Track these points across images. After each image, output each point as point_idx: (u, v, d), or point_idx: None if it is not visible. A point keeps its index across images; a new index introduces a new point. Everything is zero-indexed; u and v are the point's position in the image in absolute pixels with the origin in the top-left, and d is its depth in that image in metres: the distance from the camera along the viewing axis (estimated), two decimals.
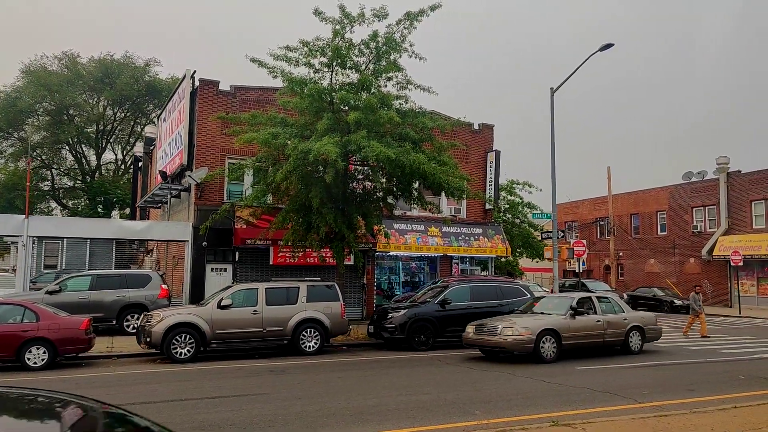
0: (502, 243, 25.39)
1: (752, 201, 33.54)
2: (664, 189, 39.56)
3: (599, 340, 13.85)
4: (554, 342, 12.98)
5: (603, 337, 13.86)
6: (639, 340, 14.54)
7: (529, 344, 12.69)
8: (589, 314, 13.98)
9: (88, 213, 41.50)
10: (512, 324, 13.01)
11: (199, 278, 19.94)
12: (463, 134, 24.71)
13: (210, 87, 20.92)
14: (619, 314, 14.52)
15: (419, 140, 16.39)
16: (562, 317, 13.41)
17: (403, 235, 22.97)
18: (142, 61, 44.54)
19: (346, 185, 17.08)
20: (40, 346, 12.04)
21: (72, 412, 2.51)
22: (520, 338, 12.68)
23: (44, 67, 42.28)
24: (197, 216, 19.91)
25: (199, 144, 20.51)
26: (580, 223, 45.44)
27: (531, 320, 13.37)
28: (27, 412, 2.59)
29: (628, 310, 15.11)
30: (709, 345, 16.88)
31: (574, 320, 13.47)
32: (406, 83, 16.57)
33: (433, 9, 16.13)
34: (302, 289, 14.95)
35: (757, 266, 32.79)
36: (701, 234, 36.22)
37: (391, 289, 24.40)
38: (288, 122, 16.35)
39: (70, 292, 16.63)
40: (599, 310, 14.16)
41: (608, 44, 19.71)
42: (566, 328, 13.24)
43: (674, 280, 37.46)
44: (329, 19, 16.00)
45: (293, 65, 16.15)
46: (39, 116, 43.27)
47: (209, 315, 13.73)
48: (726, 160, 35.34)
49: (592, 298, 14.64)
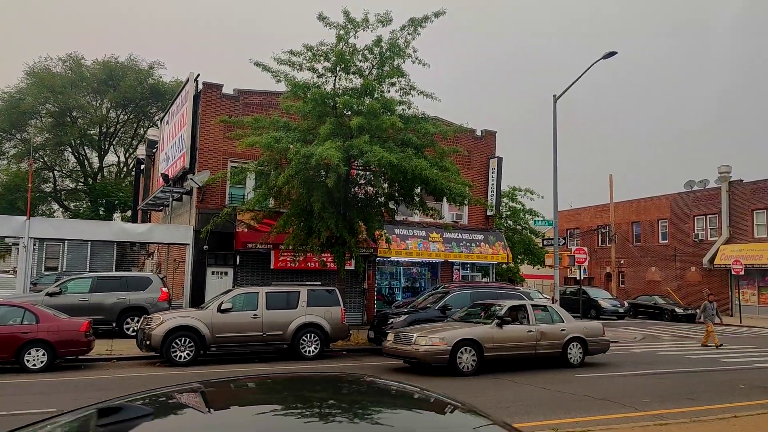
0: (503, 249, 25.36)
1: (754, 210, 33.50)
2: (666, 197, 39.54)
3: (530, 352, 12.95)
4: (474, 353, 12.16)
5: (535, 349, 12.98)
6: (580, 352, 13.53)
7: (443, 355, 11.88)
8: (521, 324, 13.16)
9: (89, 215, 41.52)
10: (426, 333, 12.26)
11: (200, 281, 19.92)
12: (465, 140, 24.73)
13: (213, 90, 20.97)
14: (556, 324, 13.58)
15: (421, 146, 16.40)
16: (488, 327, 12.63)
17: (405, 240, 22.95)
18: (146, 64, 44.73)
19: (348, 190, 17.09)
20: (40, 348, 12.02)
21: None
22: (434, 349, 11.88)
23: (48, 69, 42.42)
24: (199, 219, 19.92)
25: (201, 147, 20.54)
26: (582, 231, 45.39)
27: (450, 330, 12.55)
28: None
29: (569, 319, 14.07)
30: (710, 354, 16.82)
31: (501, 330, 12.62)
32: (409, 89, 16.59)
33: (437, 15, 16.18)
34: (303, 294, 14.94)
35: (758, 275, 32.72)
36: (702, 243, 36.17)
37: (391, 295, 24.35)
38: (291, 126, 16.37)
39: (70, 294, 16.62)
40: (533, 319, 13.28)
41: (612, 52, 19.74)
42: (489, 338, 12.39)
43: (675, 288, 37.39)
44: (333, 24, 16.06)
45: (297, 69, 16.21)
46: (42, 118, 43.39)
47: (209, 318, 13.71)
48: (728, 169, 35.33)
49: (527, 306, 13.69)
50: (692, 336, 22.90)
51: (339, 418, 2.34)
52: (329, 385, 3.02)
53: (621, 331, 23.73)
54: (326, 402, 2.59)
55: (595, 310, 31.30)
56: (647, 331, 24.25)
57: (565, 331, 13.55)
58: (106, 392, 9.92)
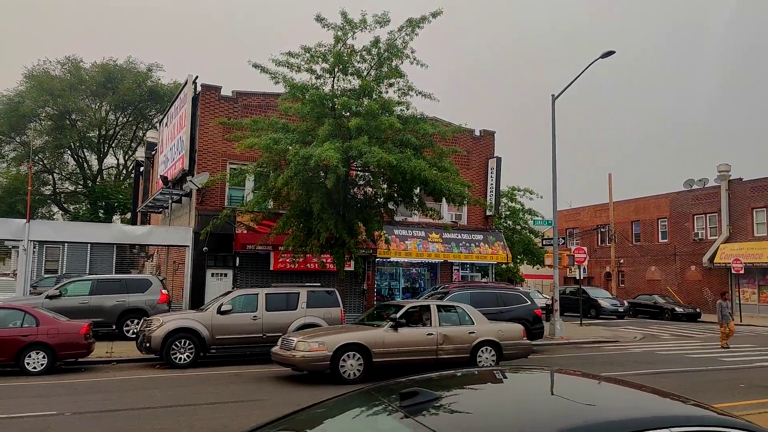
0: (502, 249, 25.37)
1: (753, 209, 33.51)
2: (666, 196, 39.55)
3: (430, 357, 11.73)
4: (360, 359, 11.14)
5: (436, 354, 11.78)
6: (492, 357, 12.33)
7: (323, 361, 10.87)
8: (424, 326, 12.09)
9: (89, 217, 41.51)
10: (307, 338, 11.29)
11: (200, 283, 19.92)
12: (464, 140, 24.75)
13: (212, 92, 20.98)
14: (464, 327, 12.38)
15: (420, 146, 16.41)
16: (380, 330, 11.58)
17: (404, 241, 22.96)
18: (145, 66, 44.70)
19: (347, 191, 17.09)
20: (40, 350, 12.03)
21: None
22: (312, 354, 10.85)
23: (47, 72, 42.43)
24: (198, 221, 19.93)
25: (200, 149, 20.55)
26: (581, 230, 45.40)
27: (334, 333, 11.59)
28: None
29: (481, 321, 12.79)
30: (710, 353, 16.83)
31: (396, 333, 11.51)
32: (407, 89, 16.60)
33: (435, 16, 16.20)
34: (302, 295, 14.94)
35: (759, 274, 32.72)
36: (702, 241, 36.18)
37: (391, 295, 24.34)
38: (289, 128, 16.38)
39: (70, 297, 16.62)
40: (436, 321, 12.14)
41: (610, 51, 19.76)
42: (379, 342, 11.29)
43: (675, 287, 37.40)
44: (331, 25, 16.07)
45: (295, 71, 16.22)
46: (41, 121, 43.39)
47: (209, 320, 13.71)
48: (727, 168, 35.35)
49: (431, 307, 12.49)
50: (692, 335, 22.92)
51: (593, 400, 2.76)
52: (540, 375, 3.45)
53: (621, 331, 23.75)
54: (558, 387, 3.06)
55: (595, 310, 31.31)
56: (647, 331, 24.26)
57: (474, 334, 12.32)
58: (106, 395, 9.93)
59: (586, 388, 3.05)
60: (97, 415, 8.49)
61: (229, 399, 9.68)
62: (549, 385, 3.19)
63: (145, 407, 8.95)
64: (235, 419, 8.27)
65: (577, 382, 3.20)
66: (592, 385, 3.17)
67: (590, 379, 3.28)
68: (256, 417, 8.41)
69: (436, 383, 3.05)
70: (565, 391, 2.99)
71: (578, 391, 2.97)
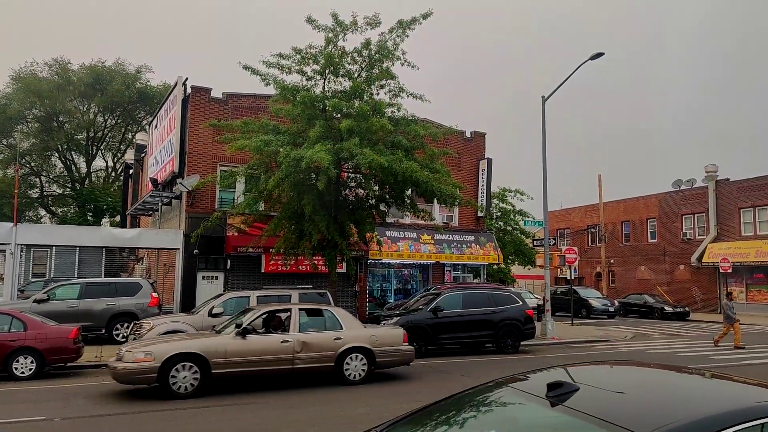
0: (494, 250, 25.45)
1: (741, 209, 33.88)
2: (655, 196, 39.89)
3: (285, 366, 10.64)
4: (197, 371, 9.93)
5: (293, 363, 10.65)
6: (363, 365, 11.19)
7: (149, 374, 9.65)
8: (283, 332, 10.92)
9: (77, 221, 41.16)
10: (135, 347, 10.20)
11: (191, 286, 19.80)
12: (455, 142, 24.83)
13: (202, 94, 20.88)
14: (329, 332, 11.20)
15: (411, 148, 16.43)
16: (225, 337, 10.46)
17: (396, 242, 22.97)
18: (134, 68, 44.46)
19: (339, 192, 17.07)
20: (28, 355, 11.88)
21: None
22: (136, 366, 9.65)
23: (34, 74, 42.06)
24: (188, 224, 19.81)
25: (190, 151, 20.44)
26: (572, 231, 45.67)
27: (169, 342, 10.49)
28: None
29: (352, 326, 11.61)
30: (700, 352, 16.97)
31: (244, 341, 10.36)
32: (398, 91, 16.63)
33: (425, 17, 16.23)
34: (294, 297, 14.89)
35: (746, 273, 33.07)
36: (691, 241, 36.52)
37: (383, 297, 24.35)
38: (280, 129, 16.33)
39: (58, 301, 16.43)
40: (295, 327, 10.95)
41: (599, 53, 19.87)
42: (221, 351, 10.11)
43: (665, 286, 37.70)
44: (322, 27, 16.06)
45: (286, 73, 16.19)
46: (28, 123, 42.99)
47: (200, 323, 13.61)
48: (715, 168, 35.72)
49: (293, 311, 11.26)
50: (682, 334, 23.11)
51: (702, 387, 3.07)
52: (631, 367, 3.72)
53: (612, 330, 23.89)
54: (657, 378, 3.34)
55: (586, 310, 31.48)
56: (637, 330, 24.43)
57: (340, 340, 11.13)
58: (96, 399, 9.83)
59: (695, 378, 3.34)
60: (86, 421, 8.40)
61: (220, 402, 9.61)
62: (665, 375, 3.47)
63: (136, 411, 8.87)
64: (228, 422, 8.22)
65: (682, 376, 3.41)
66: (697, 377, 3.42)
67: (695, 374, 3.50)
68: (250, 419, 8.37)
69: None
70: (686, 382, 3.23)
71: (692, 381, 3.25)
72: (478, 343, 16.61)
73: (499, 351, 16.40)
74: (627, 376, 3.40)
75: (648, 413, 2.50)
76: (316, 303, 14.18)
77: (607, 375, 3.43)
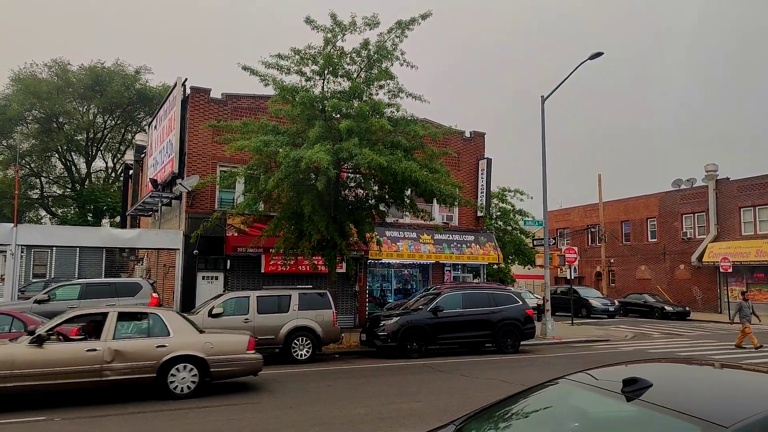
0: (494, 250, 25.45)
1: (741, 208, 33.87)
2: (654, 196, 39.88)
3: (93, 379, 9.28)
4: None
5: (100, 375, 9.30)
6: (193, 377, 9.88)
7: None
8: (96, 340, 9.56)
9: (77, 221, 41.18)
10: None
11: (190, 286, 19.81)
12: (454, 142, 24.84)
13: (201, 95, 20.90)
14: (152, 339, 9.83)
15: (411, 148, 16.44)
16: (17, 346, 9.11)
17: (396, 242, 22.98)
18: (133, 69, 44.45)
19: (338, 193, 17.08)
20: None
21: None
22: None
23: (34, 75, 42.07)
24: (188, 224, 19.82)
25: (190, 152, 20.45)
26: (572, 230, 45.67)
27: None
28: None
29: (184, 332, 10.18)
30: (700, 351, 16.97)
31: (41, 350, 9.03)
32: (397, 91, 16.63)
33: (424, 18, 16.24)
34: (294, 297, 14.90)
35: (747, 272, 33.06)
36: (691, 240, 36.51)
37: (383, 297, 24.35)
38: (279, 130, 16.35)
39: (59, 301, 16.46)
40: (109, 334, 9.58)
41: (598, 53, 19.89)
42: (8, 363, 8.77)
43: (665, 286, 37.70)
44: (321, 27, 16.07)
45: (285, 73, 16.19)
46: (28, 124, 43.00)
47: (200, 323, 13.61)
48: (715, 168, 35.71)
49: (109, 315, 9.82)
50: (682, 333, 23.11)
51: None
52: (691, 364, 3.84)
53: (612, 330, 23.91)
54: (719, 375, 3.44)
55: (586, 309, 31.49)
56: (638, 330, 24.44)
57: (164, 347, 9.76)
58: (96, 398, 9.83)
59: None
60: (87, 420, 8.41)
61: (220, 402, 9.63)
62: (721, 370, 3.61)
63: (136, 412, 8.88)
64: (227, 423, 8.23)
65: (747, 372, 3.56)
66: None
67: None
68: (249, 420, 8.38)
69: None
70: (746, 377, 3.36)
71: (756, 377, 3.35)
72: (478, 342, 16.63)
73: (499, 351, 16.41)
74: (691, 373, 3.52)
75: (725, 406, 2.60)
76: (141, 307, 12.85)
77: (673, 371, 3.54)
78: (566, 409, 3.22)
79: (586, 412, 3.13)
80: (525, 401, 3.36)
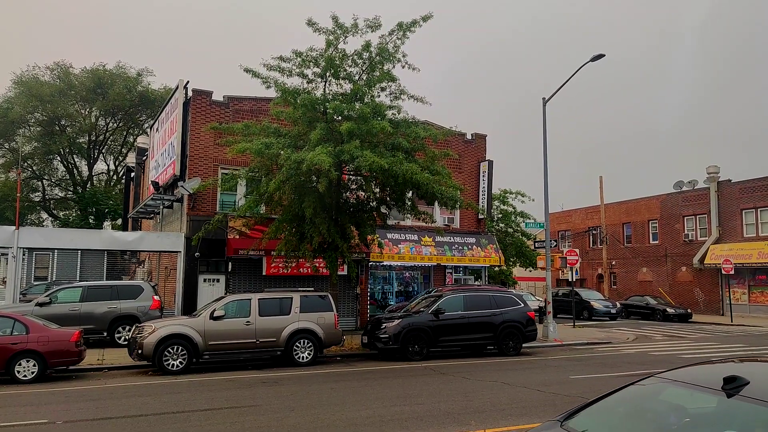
0: (495, 252, 25.43)
1: (743, 210, 33.82)
2: (656, 198, 39.83)
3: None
4: None
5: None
6: None
7: None
8: None
9: (79, 224, 41.19)
10: None
11: (192, 289, 19.82)
12: (456, 144, 24.83)
13: (203, 97, 20.93)
14: None
15: (412, 150, 16.44)
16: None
17: (397, 244, 22.97)
18: (135, 71, 44.50)
19: (339, 195, 17.08)
20: (30, 358, 11.91)
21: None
22: None
23: (36, 78, 42.14)
24: (190, 226, 19.83)
25: (191, 154, 20.48)
26: (573, 232, 45.62)
27: None
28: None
29: None
30: (704, 353, 16.92)
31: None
32: (399, 93, 16.65)
33: (425, 20, 16.26)
34: (295, 300, 14.89)
35: (749, 274, 33.00)
36: (693, 243, 36.45)
37: (384, 299, 24.34)
38: (281, 132, 16.36)
39: (60, 304, 16.48)
40: None
41: (599, 55, 19.88)
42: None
43: (667, 288, 37.63)
44: (323, 29, 16.09)
45: (287, 75, 16.21)
46: (30, 127, 43.07)
47: (202, 326, 13.63)
48: (716, 170, 35.66)
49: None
50: (685, 336, 23.05)
51: None
52: None
53: (614, 332, 23.85)
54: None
55: (588, 312, 31.45)
56: (640, 332, 24.38)
57: None
58: (98, 402, 9.84)
59: None
60: (89, 424, 8.40)
61: (222, 405, 9.62)
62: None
63: (138, 415, 8.87)
64: (230, 426, 8.21)
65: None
66: None
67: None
68: (251, 423, 8.36)
69: None
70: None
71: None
72: (480, 345, 16.61)
73: (500, 353, 16.39)
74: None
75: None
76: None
77: (762, 369, 3.74)
78: (662, 405, 3.51)
79: (682, 407, 3.39)
80: (620, 397, 3.65)
